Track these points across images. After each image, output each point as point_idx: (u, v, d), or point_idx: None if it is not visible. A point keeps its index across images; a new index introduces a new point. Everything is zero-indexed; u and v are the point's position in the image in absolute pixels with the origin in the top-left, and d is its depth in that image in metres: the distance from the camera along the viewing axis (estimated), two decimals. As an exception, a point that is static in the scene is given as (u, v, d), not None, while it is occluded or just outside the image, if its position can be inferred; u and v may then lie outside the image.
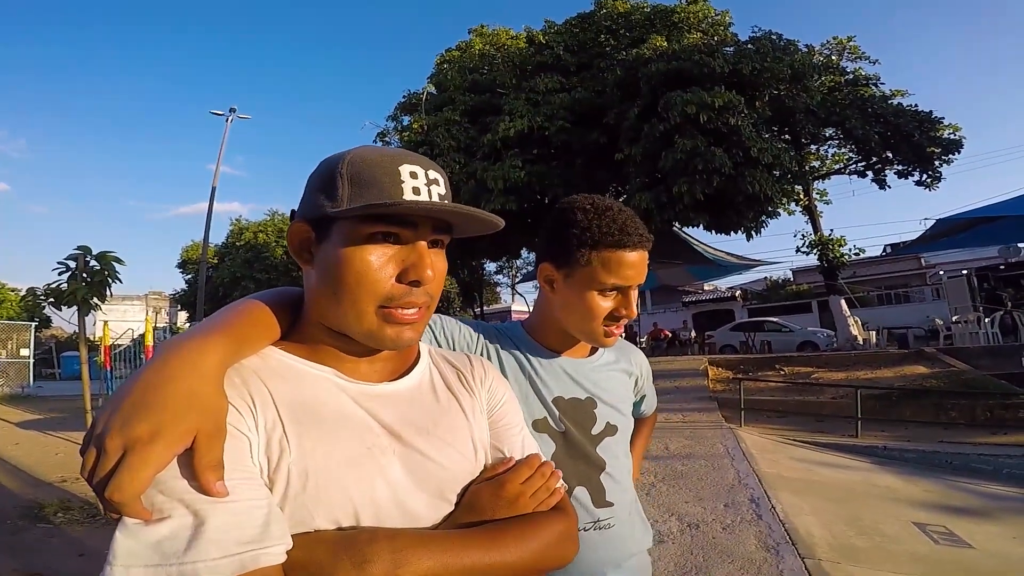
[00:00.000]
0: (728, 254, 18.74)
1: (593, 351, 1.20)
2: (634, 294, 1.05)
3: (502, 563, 0.67)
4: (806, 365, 11.95)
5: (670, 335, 20.45)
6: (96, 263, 4.69)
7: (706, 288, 32.10)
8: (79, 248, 4.70)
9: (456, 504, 0.73)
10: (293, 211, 0.71)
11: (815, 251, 15.11)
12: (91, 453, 0.54)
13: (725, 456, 5.39)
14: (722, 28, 11.54)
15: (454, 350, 0.98)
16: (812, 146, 14.10)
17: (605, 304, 1.04)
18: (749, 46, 10.89)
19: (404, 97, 12.21)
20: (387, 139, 12.22)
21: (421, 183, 0.66)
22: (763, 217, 11.20)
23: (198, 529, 0.54)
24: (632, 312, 1.05)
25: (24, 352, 16.69)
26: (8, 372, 15.56)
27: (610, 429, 1.14)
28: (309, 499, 0.63)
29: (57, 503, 5.00)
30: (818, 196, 15.50)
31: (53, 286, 4.66)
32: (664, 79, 9.65)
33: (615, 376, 1.20)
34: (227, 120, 19.30)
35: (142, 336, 10.87)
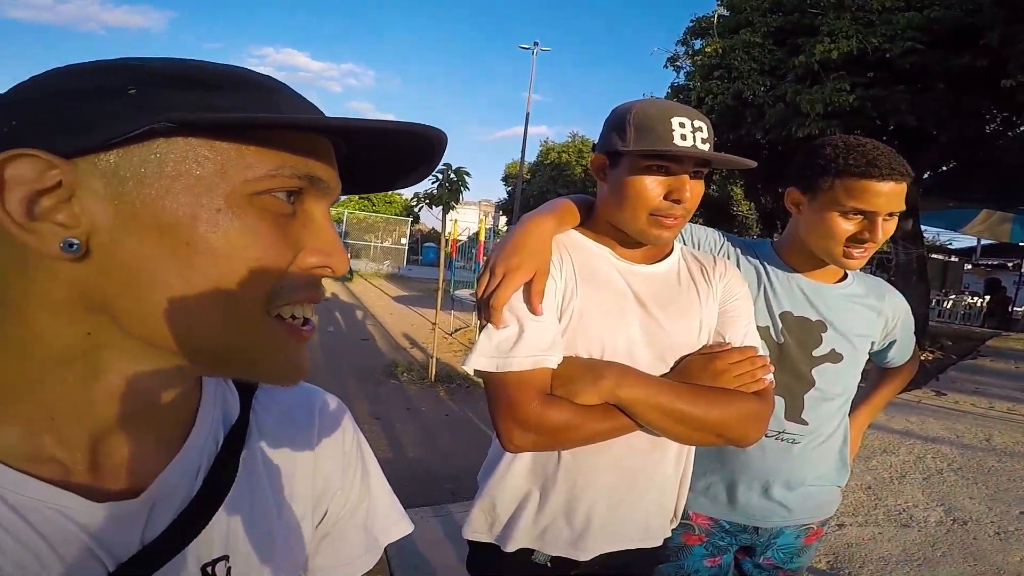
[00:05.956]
0: None
1: (842, 279, 1.22)
2: (883, 223, 1.08)
3: (690, 413, 0.85)
4: None
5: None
6: (454, 175, 6.28)
7: None
8: (445, 164, 6.27)
9: (672, 368, 0.93)
10: (594, 144, 1.17)
11: None
12: (484, 276, 0.89)
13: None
14: None
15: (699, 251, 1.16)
16: None
17: (847, 227, 1.09)
18: None
19: (692, 21, 11.04)
20: (678, 63, 11.29)
21: (688, 131, 0.85)
22: None
23: (520, 336, 0.84)
24: (876, 238, 1.08)
25: (403, 241, 22.79)
26: (391, 255, 21.41)
27: (834, 356, 1.17)
28: (577, 332, 0.90)
29: (404, 364, 6.49)
30: None
31: (428, 191, 6.45)
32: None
33: (857, 309, 1.21)
34: (532, 53, 21.49)
35: (475, 234, 13.42)
